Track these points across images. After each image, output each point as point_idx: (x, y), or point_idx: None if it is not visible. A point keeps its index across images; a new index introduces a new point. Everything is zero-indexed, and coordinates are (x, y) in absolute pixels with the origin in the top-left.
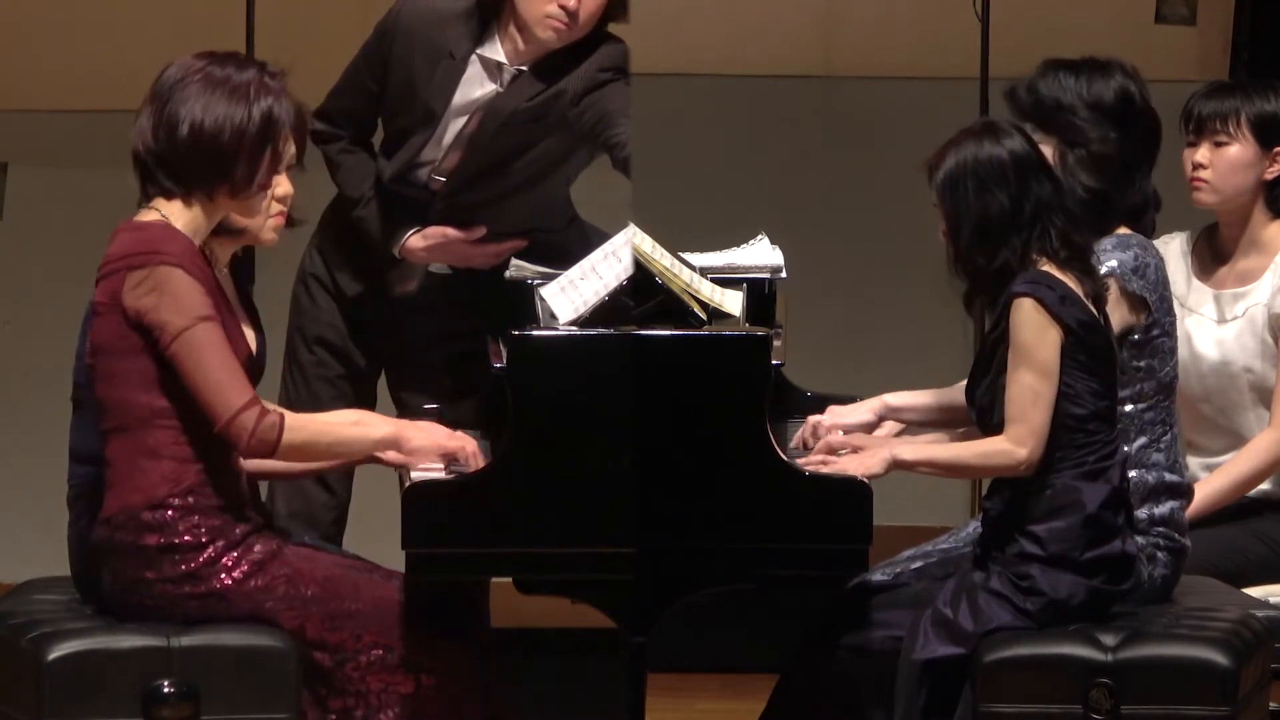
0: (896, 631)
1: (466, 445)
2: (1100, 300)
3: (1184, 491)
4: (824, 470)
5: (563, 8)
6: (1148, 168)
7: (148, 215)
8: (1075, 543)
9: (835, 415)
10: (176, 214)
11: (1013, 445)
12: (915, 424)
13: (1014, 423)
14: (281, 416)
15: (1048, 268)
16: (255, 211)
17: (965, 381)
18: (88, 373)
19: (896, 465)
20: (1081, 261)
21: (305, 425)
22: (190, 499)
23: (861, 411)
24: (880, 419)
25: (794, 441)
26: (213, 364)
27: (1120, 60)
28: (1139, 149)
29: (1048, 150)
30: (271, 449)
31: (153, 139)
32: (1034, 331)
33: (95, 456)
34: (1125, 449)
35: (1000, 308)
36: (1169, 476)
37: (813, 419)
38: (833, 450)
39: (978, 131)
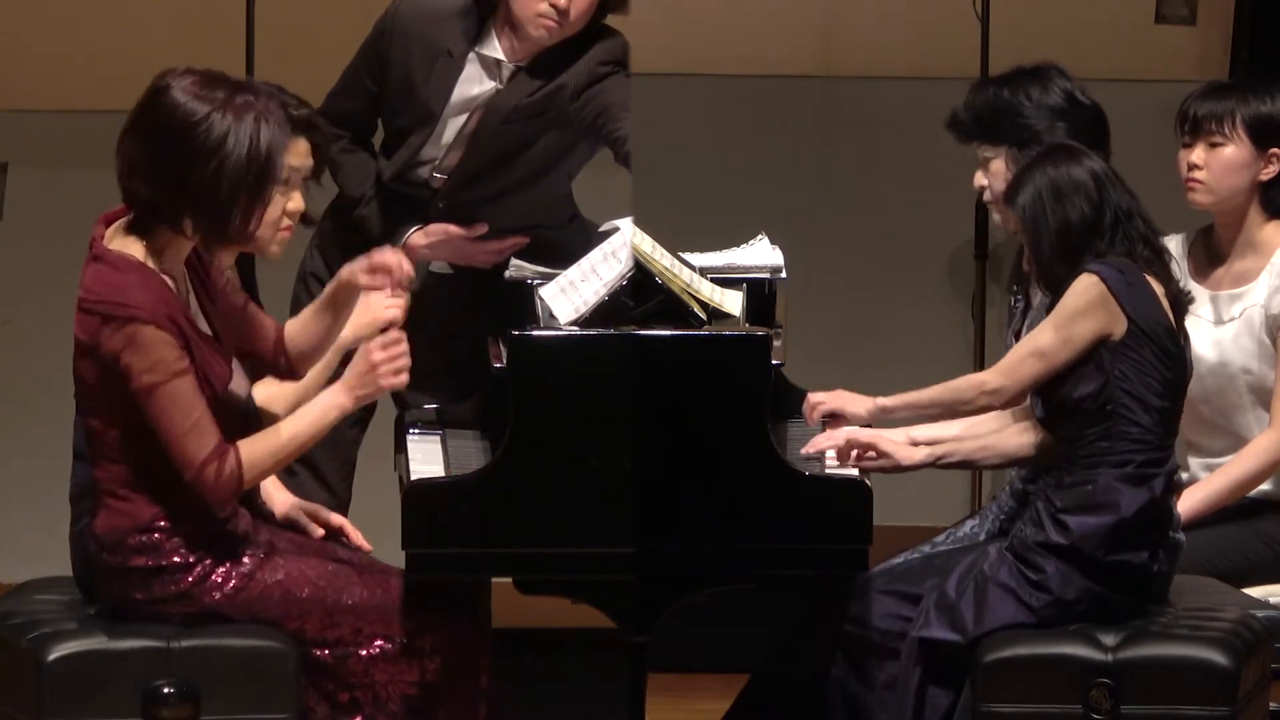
0: (901, 611)
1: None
2: (1181, 307)
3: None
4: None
5: (553, 6)
6: (1103, 153)
7: (127, 242)
8: (1101, 542)
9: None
10: (160, 244)
11: (989, 374)
12: (910, 422)
13: (1007, 360)
14: (239, 456)
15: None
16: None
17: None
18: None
19: (880, 411)
20: (1162, 265)
21: (258, 451)
22: (175, 521)
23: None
24: (874, 422)
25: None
26: (178, 420)
27: (1051, 62)
28: (1090, 133)
29: (999, 163)
30: (236, 492)
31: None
32: (1080, 303)
33: None
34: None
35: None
36: None
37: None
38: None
39: (1052, 152)
